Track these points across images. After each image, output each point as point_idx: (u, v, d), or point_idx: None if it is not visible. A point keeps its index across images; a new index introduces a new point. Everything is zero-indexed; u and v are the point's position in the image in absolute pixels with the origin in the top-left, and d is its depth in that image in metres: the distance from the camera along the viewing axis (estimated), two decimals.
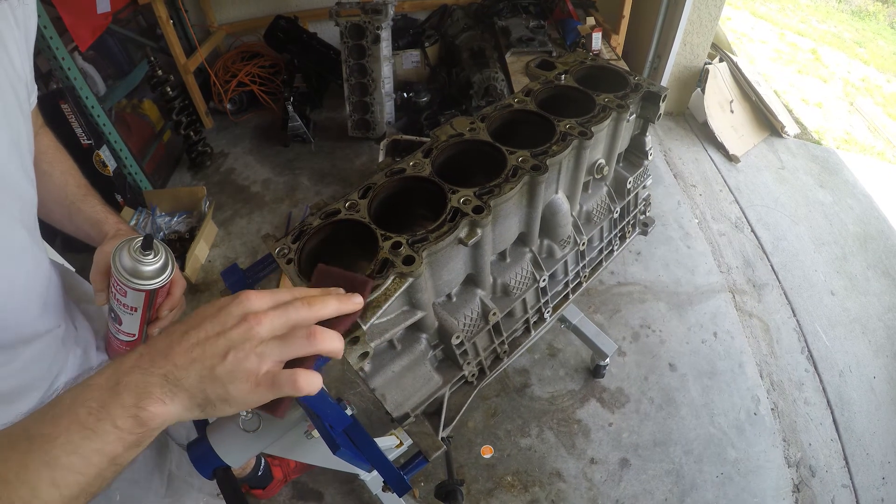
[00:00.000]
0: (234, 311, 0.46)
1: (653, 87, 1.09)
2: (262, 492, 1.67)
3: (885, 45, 5.46)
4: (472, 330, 0.99)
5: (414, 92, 3.17)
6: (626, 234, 1.41)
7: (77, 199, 0.81)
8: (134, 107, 2.88)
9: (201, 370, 0.44)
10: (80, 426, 0.41)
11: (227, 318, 0.46)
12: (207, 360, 0.44)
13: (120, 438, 0.42)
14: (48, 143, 0.81)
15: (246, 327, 0.45)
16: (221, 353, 0.44)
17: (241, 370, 0.44)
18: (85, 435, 0.41)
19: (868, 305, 2.36)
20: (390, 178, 0.87)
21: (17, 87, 0.61)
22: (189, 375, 0.44)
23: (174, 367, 0.44)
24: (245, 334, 0.45)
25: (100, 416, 0.42)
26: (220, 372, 0.44)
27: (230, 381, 0.44)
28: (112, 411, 0.42)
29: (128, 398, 0.42)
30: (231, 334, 0.45)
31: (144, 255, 0.64)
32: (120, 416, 0.42)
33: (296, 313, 0.47)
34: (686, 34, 3.06)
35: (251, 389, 0.45)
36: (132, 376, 0.43)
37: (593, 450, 1.82)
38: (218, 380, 0.44)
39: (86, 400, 0.42)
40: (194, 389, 0.44)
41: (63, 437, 0.41)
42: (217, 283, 2.39)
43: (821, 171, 3.15)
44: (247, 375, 0.44)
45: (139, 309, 0.69)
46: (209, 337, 0.45)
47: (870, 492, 1.78)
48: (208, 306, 0.48)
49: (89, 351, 0.79)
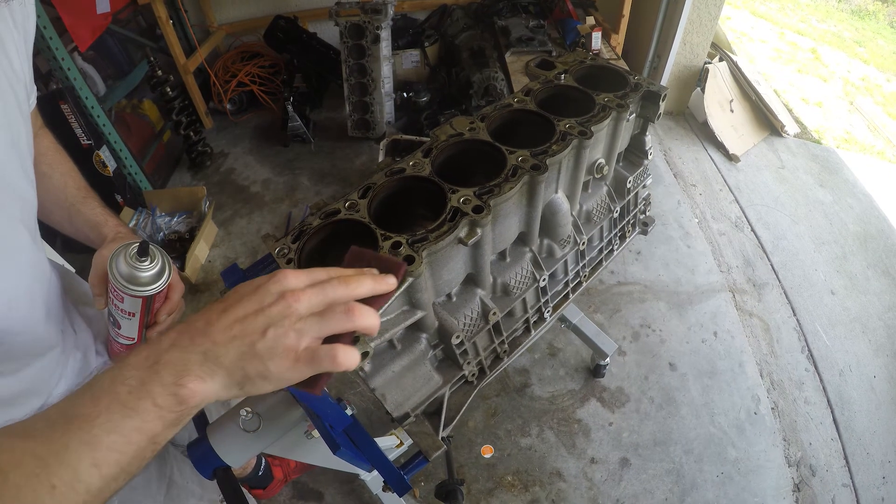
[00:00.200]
0: (272, 289, 0.46)
1: (652, 86, 1.09)
2: (263, 492, 1.67)
3: (884, 45, 5.45)
4: (472, 330, 0.99)
5: (414, 92, 3.17)
6: (626, 233, 1.41)
7: (77, 201, 0.81)
8: (134, 107, 2.88)
9: (241, 347, 0.44)
10: (121, 405, 0.41)
11: (266, 295, 0.46)
12: (247, 336, 0.44)
13: (160, 416, 0.42)
14: (48, 145, 0.81)
15: (284, 304, 0.45)
16: (261, 330, 0.44)
17: (280, 346, 0.44)
18: (125, 413, 0.41)
19: (868, 304, 2.36)
20: (390, 177, 0.87)
21: (16, 88, 0.61)
22: (228, 352, 0.44)
23: (213, 344, 0.44)
24: (284, 311, 0.45)
25: (140, 394, 0.42)
26: (260, 348, 0.44)
27: (270, 358, 0.44)
28: (152, 389, 0.42)
29: (167, 376, 0.42)
30: (270, 311, 0.45)
31: (141, 262, 0.64)
32: (160, 394, 0.42)
33: (333, 291, 0.48)
34: (686, 33, 3.06)
35: (290, 366, 0.45)
36: (171, 354, 0.44)
37: (593, 449, 1.82)
38: (257, 356, 0.44)
39: (125, 378, 0.42)
40: (233, 366, 0.44)
41: (103, 416, 0.41)
42: (217, 283, 2.39)
43: (821, 170, 3.15)
44: (286, 351, 0.45)
45: (137, 314, 0.69)
46: (248, 314, 0.45)
47: (870, 491, 1.78)
48: (246, 284, 0.48)
49: (89, 355, 0.79)
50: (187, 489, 1.04)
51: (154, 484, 0.97)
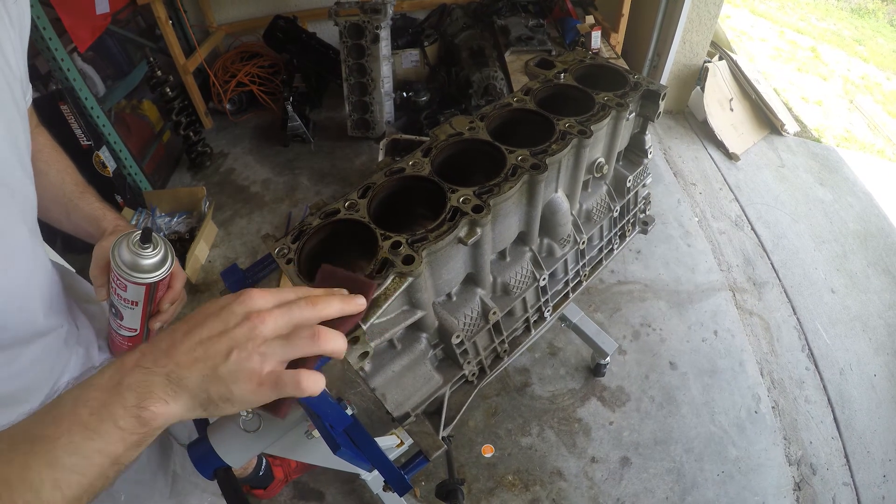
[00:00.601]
0: (237, 310, 0.46)
1: (652, 85, 1.09)
2: (264, 492, 1.68)
3: (884, 43, 5.45)
4: (473, 329, 0.99)
5: (413, 91, 3.17)
6: (626, 232, 1.41)
7: (74, 197, 0.80)
8: (133, 107, 2.88)
9: (204, 369, 0.44)
10: (82, 426, 0.41)
11: (231, 316, 0.45)
12: (210, 359, 0.44)
13: (122, 438, 0.42)
14: (44, 142, 0.81)
15: (249, 326, 0.45)
16: (224, 353, 0.44)
17: (244, 370, 0.44)
18: (87, 435, 0.41)
19: (868, 303, 2.36)
20: (389, 177, 0.87)
21: (12, 85, 0.61)
22: (192, 375, 0.43)
23: (177, 366, 0.44)
24: (248, 333, 0.44)
25: (101, 416, 0.41)
26: (223, 371, 0.44)
27: (233, 381, 0.44)
28: (114, 411, 0.42)
29: (130, 398, 0.42)
30: (234, 333, 0.44)
31: (143, 249, 0.63)
32: (122, 416, 0.42)
33: (300, 312, 0.47)
34: (685, 32, 3.06)
35: (254, 389, 0.45)
36: (134, 376, 0.43)
37: (594, 448, 1.82)
38: (221, 379, 0.44)
39: (87, 400, 0.42)
40: (197, 389, 0.44)
41: (65, 437, 0.41)
42: (217, 283, 2.39)
43: (821, 168, 3.15)
44: (250, 375, 0.44)
45: (140, 303, 0.69)
46: (212, 336, 0.45)
47: (871, 490, 1.78)
48: (211, 304, 0.47)
49: (91, 351, 0.79)
50: (191, 481, 1.04)
51: (160, 478, 0.97)
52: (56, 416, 0.42)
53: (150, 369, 0.43)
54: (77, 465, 0.41)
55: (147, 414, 0.42)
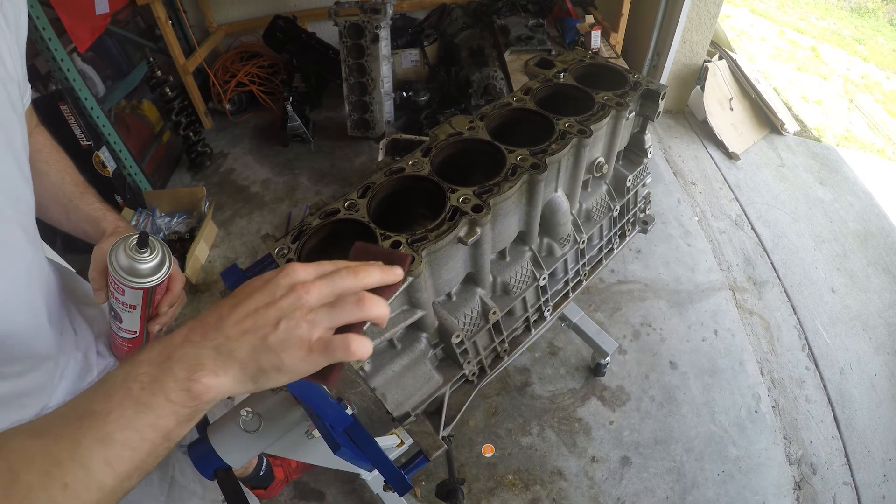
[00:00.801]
0: (282, 282, 0.46)
1: (652, 84, 1.09)
2: (264, 492, 1.67)
3: (884, 42, 5.45)
4: (473, 329, 0.99)
5: (413, 91, 3.17)
6: (626, 232, 1.41)
7: (74, 197, 0.80)
8: (133, 108, 2.88)
9: (254, 340, 0.44)
10: (134, 401, 0.41)
11: (276, 288, 0.46)
12: (260, 329, 0.44)
13: (174, 412, 0.42)
14: (44, 143, 0.81)
15: (295, 297, 0.45)
16: (273, 322, 0.44)
17: (293, 338, 0.44)
18: (138, 410, 0.41)
19: (868, 302, 2.36)
20: (389, 177, 0.87)
21: (8, 86, 0.61)
22: (241, 346, 0.44)
23: (226, 338, 0.44)
24: (295, 303, 0.45)
25: (153, 389, 0.41)
26: (273, 341, 0.44)
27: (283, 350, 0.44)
28: (165, 384, 0.42)
29: (180, 371, 0.42)
30: (281, 304, 0.45)
31: (140, 253, 0.63)
32: (173, 390, 0.42)
33: (342, 282, 0.48)
34: (685, 32, 3.06)
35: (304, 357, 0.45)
36: (184, 349, 0.43)
37: (594, 448, 1.82)
38: (271, 349, 0.44)
39: (137, 375, 0.42)
40: (247, 360, 0.44)
41: (116, 412, 0.40)
42: (217, 283, 2.39)
43: (821, 168, 3.15)
44: (300, 343, 0.45)
45: (138, 307, 0.69)
46: (259, 307, 0.45)
47: (871, 489, 1.78)
48: (255, 280, 0.48)
49: (90, 355, 0.79)
50: (189, 489, 1.04)
51: (156, 484, 0.97)
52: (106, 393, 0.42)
53: (200, 343, 0.44)
54: (129, 441, 0.40)
55: (198, 387, 0.42)
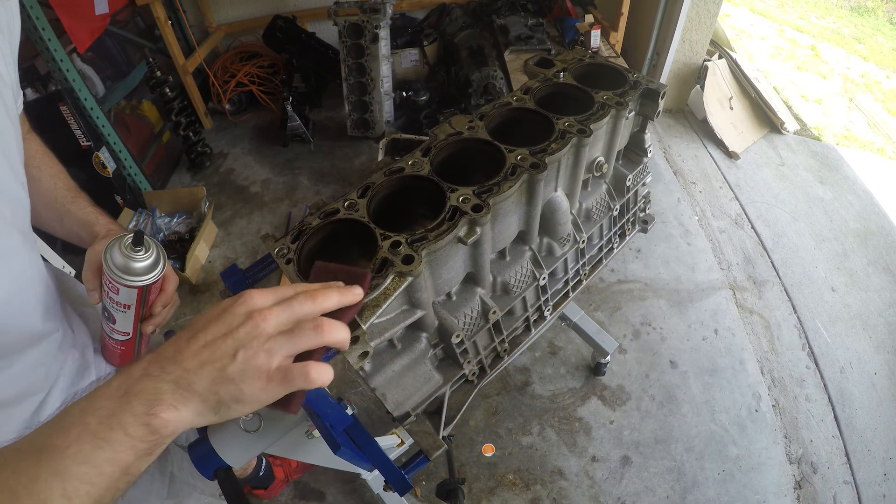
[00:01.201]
0: (238, 311, 0.46)
1: (652, 84, 1.09)
2: (264, 492, 1.68)
3: (884, 41, 5.45)
4: (473, 328, 0.99)
5: (413, 91, 3.17)
6: (626, 231, 1.41)
7: (67, 202, 0.80)
8: (133, 108, 2.88)
9: (212, 372, 0.44)
10: (91, 435, 0.41)
11: (232, 318, 0.46)
12: (217, 361, 0.44)
13: (132, 447, 0.42)
14: (36, 148, 0.81)
15: (252, 325, 0.45)
16: (231, 353, 0.44)
17: (251, 368, 0.44)
18: (96, 444, 0.41)
19: (869, 302, 2.36)
20: (389, 177, 0.87)
21: (3, 92, 0.61)
22: (200, 379, 0.44)
23: (184, 371, 0.44)
24: (252, 332, 0.45)
25: (110, 424, 0.41)
26: (231, 372, 0.44)
27: (242, 380, 0.44)
28: (123, 419, 0.41)
29: (138, 406, 0.42)
30: (238, 333, 0.45)
31: (135, 252, 0.64)
32: (131, 424, 0.42)
33: (300, 307, 0.48)
34: (685, 31, 3.06)
35: (263, 386, 0.45)
36: (142, 384, 0.43)
37: (595, 448, 1.82)
38: (230, 380, 0.44)
39: (95, 409, 0.42)
40: (206, 392, 0.44)
41: (73, 447, 0.40)
42: (217, 283, 2.39)
43: (821, 167, 3.15)
44: (258, 373, 0.45)
45: (132, 306, 0.69)
46: (216, 338, 0.45)
47: (871, 488, 1.78)
48: (212, 309, 0.48)
49: (87, 354, 0.79)
50: (189, 483, 1.04)
51: (157, 480, 0.97)
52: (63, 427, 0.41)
53: (158, 377, 0.43)
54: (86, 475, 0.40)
55: (157, 421, 0.42)
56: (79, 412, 0.42)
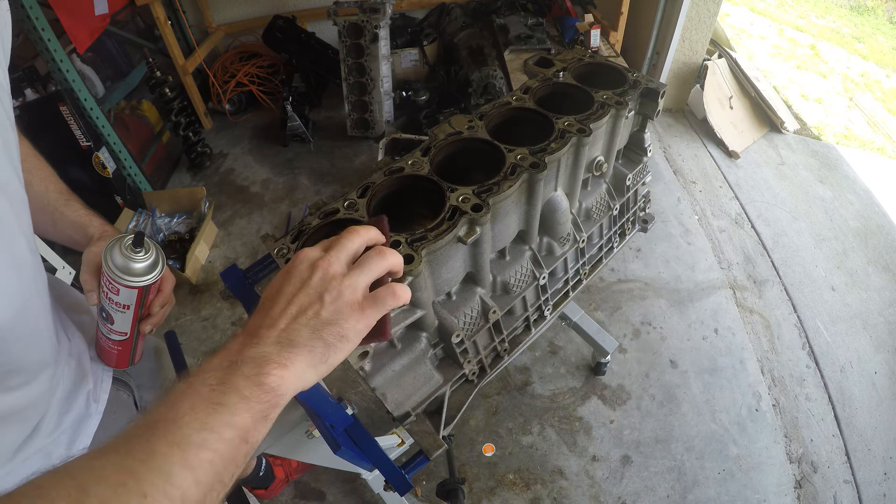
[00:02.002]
0: (301, 267, 0.49)
1: (651, 83, 1.09)
2: (265, 492, 1.68)
3: (884, 41, 5.45)
4: (473, 328, 0.99)
5: (413, 90, 3.17)
6: (626, 230, 1.41)
7: (60, 205, 0.80)
8: (133, 108, 2.88)
9: (308, 321, 0.46)
10: (206, 402, 0.40)
11: (299, 273, 0.48)
12: (308, 309, 0.46)
13: (248, 409, 0.41)
14: (26, 152, 0.80)
15: (322, 271, 0.48)
16: (317, 300, 0.46)
17: (343, 304, 0.47)
18: (212, 409, 0.40)
19: (869, 301, 2.36)
20: (389, 176, 0.87)
21: (2, 96, 0.61)
22: (300, 331, 0.45)
23: (281, 331, 0.45)
24: (325, 276, 0.48)
25: (223, 390, 0.41)
26: (326, 314, 0.46)
27: (340, 318, 0.46)
28: (236, 383, 0.41)
29: (248, 369, 0.42)
30: (313, 282, 0.47)
31: (136, 252, 0.64)
32: (245, 386, 0.41)
33: (350, 244, 0.51)
34: (685, 30, 3.05)
35: (360, 316, 0.47)
36: (245, 352, 0.44)
37: (595, 447, 1.82)
38: (329, 322, 0.46)
39: (205, 380, 0.41)
40: (311, 341, 0.45)
41: (188, 415, 0.39)
42: (217, 283, 2.39)
43: (821, 166, 3.15)
44: (351, 306, 0.47)
45: (131, 307, 0.69)
46: (296, 294, 0.47)
47: (872, 487, 1.78)
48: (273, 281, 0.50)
49: (83, 362, 0.78)
50: None
51: None
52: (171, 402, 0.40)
53: (258, 344, 0.44)
54: (206, 442, 0.38)
55: (270, 379, 0.42)
56: (185, 386, 0.41)
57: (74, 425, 0.74)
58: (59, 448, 0.71)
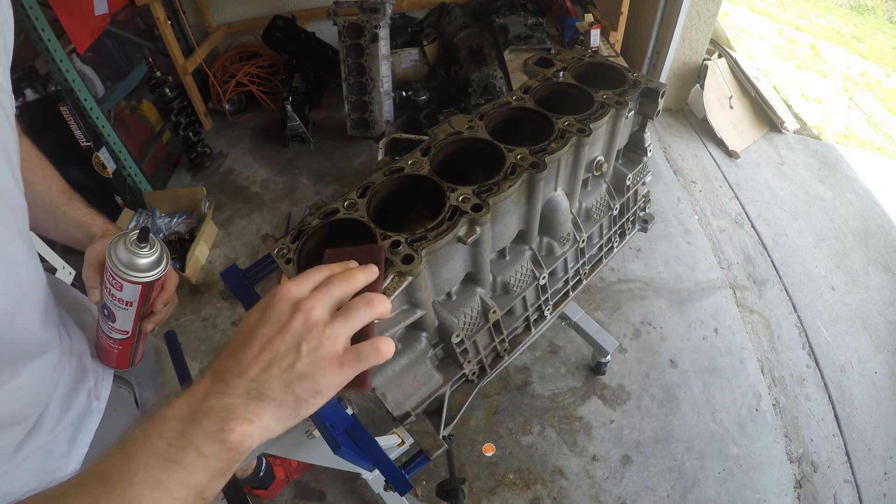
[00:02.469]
0: (281, 306, 0.45)
1: (651, 83, 1.09)
2: (265, 492, 1.68)
3: (884, 40, 5.45)
4: (473, 328, 0.99)
5: (413, 90, 3.17)
6: (626, 230, 1.41)
7: (62, 204, 0.80)
8: (133, 108, 2.88)
9: (281, 373, 0.42)
10: (161, 458, 0.38)
11: (279, 314, 0.44)
12: (282, 360, 0.43)
13: (206, 467, 0.39)
14: (28, 151, 0.80)
15: (303, 316, 0.44)
16: (294, 349, 0.43)
17: (320, 358, 0.43)
18: (167, 467, 0.38)
19: (869, 300, 2.36)
20: (389, 176, 0.87)
21: (2, 97, 0.61)
22: (271, 383, 0.42)
23: (251, 381, 0.42)
24: (306, 322, 0.44)
25: (181, 445, 0.39)
26: (302, 367, 0.43)
27: (315, 373, 0.43)
28: (194, 439, 0.39)
29: (210, 424, 0.40)
30: (292, 328, 0.43)
31: (140, 248, 0.64)
32: (204, 443, 0.39)
33: (338, 290, 0.47)
34: (685, 30, 3.05)
35: (337, 372, 0.44)
36: (209, 401, 0.41)
37: (595, 447, 1.82)
38: (304, 376, 0.43)
39: (161, 432, 0.40)
40: (282, 395, 0.42)
41: (142, 472, 0.38)
42: (217, 283, 2.39)
43: (821, 166, 3.15)
44: (329, 361, 0.44)
45: (134, 303, 0.69)
46: (272, 338, 0.43)
47: (872, 487, 1.78)
48: (250, 314, 0.46)
49: (84, 360, 0.78)
50: None
51: None
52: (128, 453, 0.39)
53: (224, 392, 0.41)
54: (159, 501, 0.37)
55: (233, 436, 0.40)
56: (142, 436, 0.40)
57: (75, 423, 0.74)
58: (60, 445, 0.71)
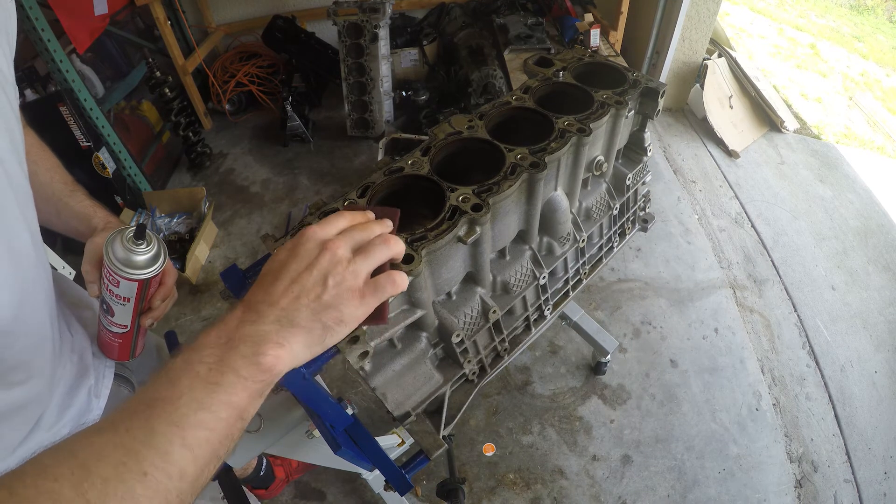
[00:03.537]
0: (309, 246, 0.49)
1: (651, 83, 1.09)
2: (265, 492, 1.68)
3: (884, 40, 5.44)
4: (473, 328, 0.99)
5: (412, 90, 3.17)
6: (626, 230, 1.41)
7: (64, 195, 0.80)
8: (133, 108, 2.88)
9: (309, 303, 0.46)
10: (203, 381, 0.41)
11: (307, 252, 0.49)
12: (311, 291, 0.47)
13: (245, 388, 0.42)
14: (31, 142, 0.81)
15: (330, 254, 0.48)
16: (321, 282, 0.47)
17: (345, 289, 0.48)
18: (209, 389, 0.41)
19: (869, 300, 2.36)
20: (388, 176, 0.87)
21: (6, 89, 0.61)
22: (300, 312, 0.46)
23: (282, 309, 0.46)
24: (332, 259, 0.48)
25: (221, 369, 0.42)
26: (328, 298, 0.47)
27: (340, 303, 0.47)
28: (232, 363, 0.42)
29: (245, 348, 0.43)
30: (320, 263, 0.48)
31: (137, 245, 0.64)
32: (242, 366, 0.42)
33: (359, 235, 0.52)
34: (684, 30, 3.05)
35: (359, 303, 0.49)
36: (243, 329, 0.44)
37: (595, 447, 1.82)
38: (329, 305, 0.47)
39: (202, 358, 0.42)
40: (311, 322, 0.46)
41: (186, 395, 0.40)
42: (217, 283, 2.39)
43: (821, 165, 3.15)
44: (352, 292, 0.48)
45: (132, 299, 0.69)
46: (300, 273, 0.48)
47: (872, 486, 1.78)
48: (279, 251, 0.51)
49: (85, 356, 0.79)
50: None
51: None
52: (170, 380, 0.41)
53: (257, 321, 0.45)
54: (204, 421, 0.40)
55: (267, 359, 0.43)
56: (182, 363, 0.42)
57: (76, 420, 0.74)
58: None
